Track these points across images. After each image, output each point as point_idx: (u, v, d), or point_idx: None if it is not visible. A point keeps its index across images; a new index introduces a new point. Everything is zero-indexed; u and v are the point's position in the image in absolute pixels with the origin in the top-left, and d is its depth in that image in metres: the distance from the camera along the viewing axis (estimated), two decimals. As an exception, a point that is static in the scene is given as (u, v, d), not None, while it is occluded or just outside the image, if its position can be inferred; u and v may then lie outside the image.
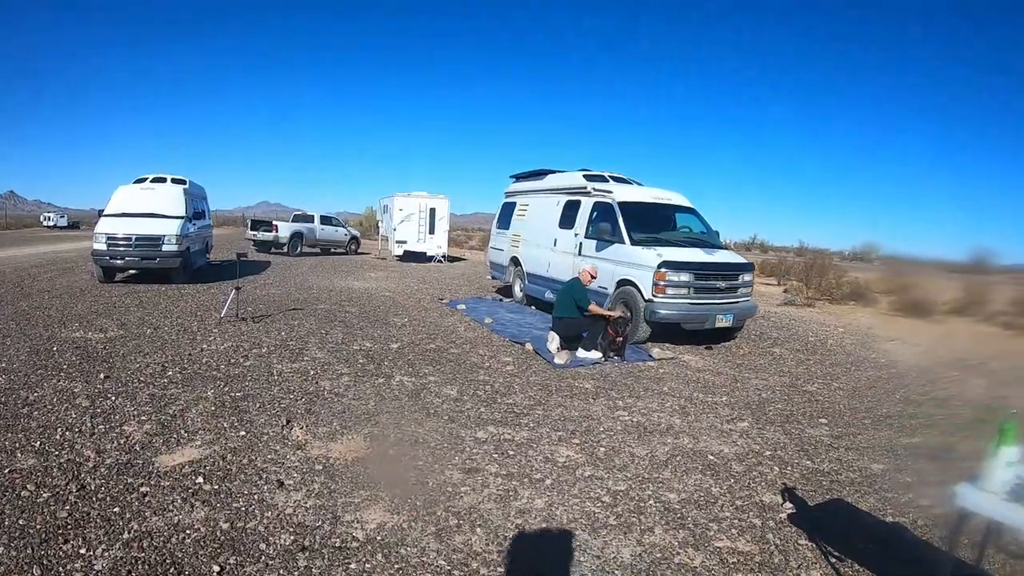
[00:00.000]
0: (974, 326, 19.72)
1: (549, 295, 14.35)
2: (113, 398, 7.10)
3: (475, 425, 6.86)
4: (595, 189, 13.46)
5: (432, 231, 31.08)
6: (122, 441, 5.88)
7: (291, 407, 7.08)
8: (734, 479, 5.95)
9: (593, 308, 10.64)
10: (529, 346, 10.95)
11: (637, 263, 11.60)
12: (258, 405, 7.09)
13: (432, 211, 31.01)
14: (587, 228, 13.29)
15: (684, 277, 11.33)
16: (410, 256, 30.19)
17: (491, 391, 8.23)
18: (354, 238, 35.50)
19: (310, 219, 33.14)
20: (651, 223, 12.85)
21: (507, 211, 17.54)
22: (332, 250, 34.58)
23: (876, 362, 12.62)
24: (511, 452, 6.18)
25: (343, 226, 35.15)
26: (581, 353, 10.44)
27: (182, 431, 6.20)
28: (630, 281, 11.70)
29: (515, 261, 16.69)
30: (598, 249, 12.70)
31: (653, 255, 11.38)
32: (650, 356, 10.89)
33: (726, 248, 13.11)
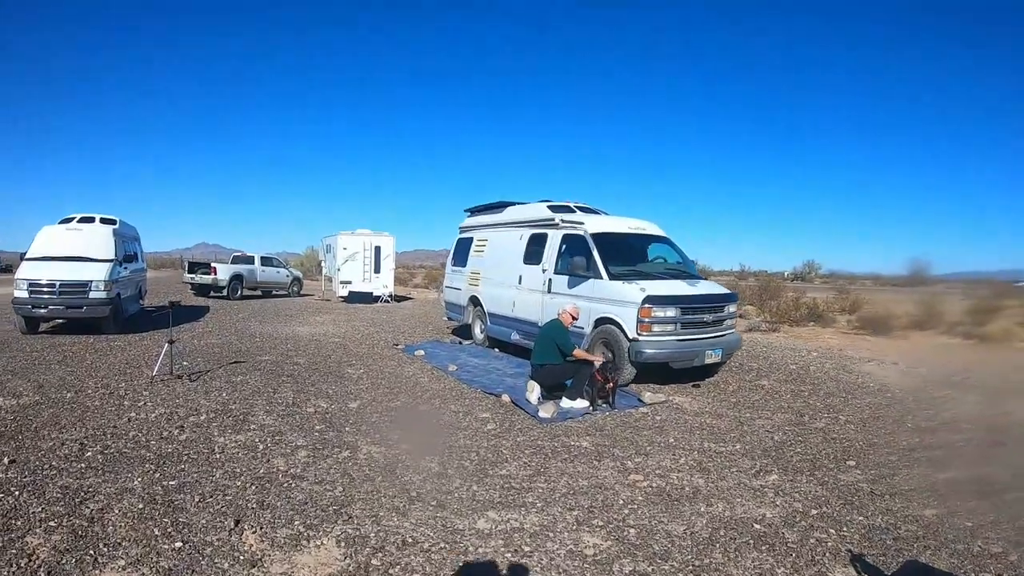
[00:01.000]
0: (936, 339, 19.51)
1: (515, 336, 13.22)
2: (17, 493, 5.59)
3: (471, 511, 5.56)
4: (563, 221, 12.37)
5: (378, 270, 29.60)
6: (22, 563, 4.37)
7: (239, 499, 5.64)
8: (794, 553, 4.96)
9: (579, 353, 9.52)
10: (506, 398, 9.73)
11: (618, 299, 10.53)
12: (197, 498, 5.62)
13: (377, 249, 29.56)
14: (556, 263, 12.20)
15: (671, 312, 10.31)
16: (356, 297, 28.61)
17: (478, 460, 6.96)
18: (296, 279, 33.65)
19: (250, 260, 31.26)
20: (627, 255, 11.86)
21: (463, 247, 16.32)
22: (274, 292, 32.71)
23: (867, 387, 11.93)
24: (526, 548, 4.91)
25: (285, 267, 33.32)
26: (566, 403, 9.27)
27: (100, 544, 4.71)
28: (610, 319, 10.63)
29: (474, 301, 15.43)
30: (571, 286, 11.60)
31: (636, 290, 10.34)
32: (640, 401, 9.76)
33: (705, 279, 12.06)
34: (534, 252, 12.94)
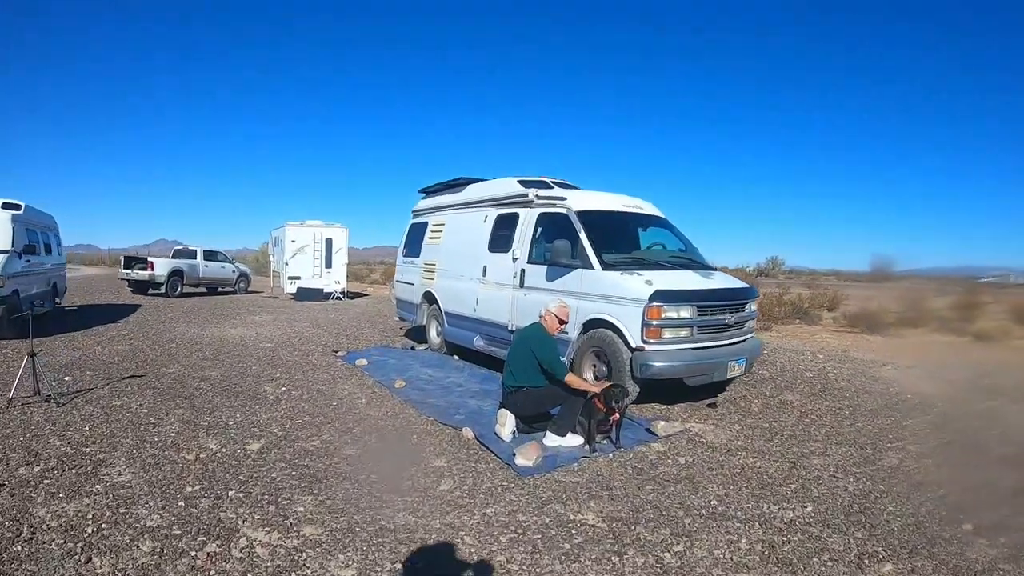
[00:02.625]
0: (931, 337, 17.47)
1: (479, 342, 10.44)
2: None
3: None
4: (539, 197, 9.59)
5: (329, 264, 26.54)
6: None
7: None
8: None
9: (575, 381, 6.72)
10: (468, 432, 6.90)
11: (615, 296, 7.85)
12: None
13: (328, 242, 26.50)
14: (530, 250, 9.47)
15: (685, 313, 7.65)
16: (305, 294, 25.55)
17: (430, 559, 4.17)
18: (243, 275, 30.25)
19: (192, 254, 27.68)
20: (622, 239, 9.21)
21: (416, 234, 13.41)
22: (220, 289, 29.51)
23: (904, 398, 9.76)
24: None
25: (230, 261, 29.88)
26: (552, 440, 6.54)
27: None
28: (605, 322, 7.94)
29: (429, 297, 12.53)
30: (550, 278, 8.88)
31: (640, 284, 7.67)
32: (651, 432, 7.05)
33: (717, 269, 9.41)
34: (502, 237, 10.17)
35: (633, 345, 7.53)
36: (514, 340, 7.22)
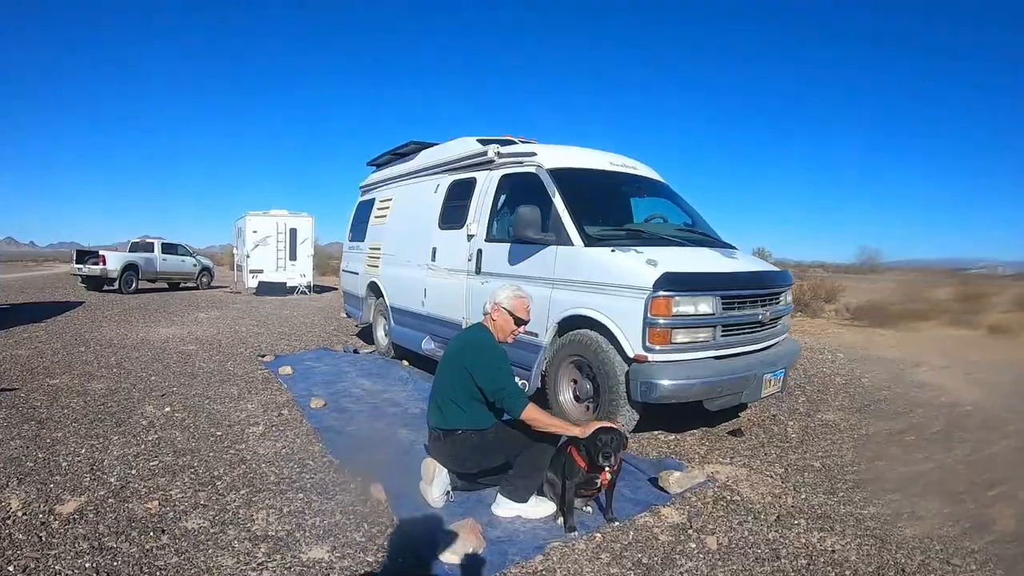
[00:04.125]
0: (944, 331, 16.87)
1: (429, 345, 7.82)
2: None
3: None
4: (502, 155, 7.04)
5: (293, 257, 23.94)
6: None
7: None
8: None
9: (538, 417, 3.93)
10: (379, 492, 4.33)
11: (605, 282, 5.36)
12: None
13: (293, 232, 23.87)
14: (490, 223, 6.93)
15: (705, 306, 5.17)
16: (267, 288, 22.92)
17: None
18: (205, 269, 27.39)
19: (149, 247, 24.94)
20: (611, 209, 6.79)
21: (362, 214, 10.80)
22: (182, 285, 26.84)
23: (965, 414, 7.38)
24: None
25: (191, 255, 27.12)
26: (505, 509, 4.06)
27: None
28: (590, 321, 5.45)
29: (374, 289, 9.91)
30: (514, 259, 6.36)
31: (640, 265, 5.21)
32: (660, 489, 4.51)
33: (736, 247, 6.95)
34: (455, 209, 7.59)
35: (631, 354, 5.06)
36: (444, 354, 4.54)
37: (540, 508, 4.07)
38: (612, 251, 5.46)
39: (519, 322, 4.36)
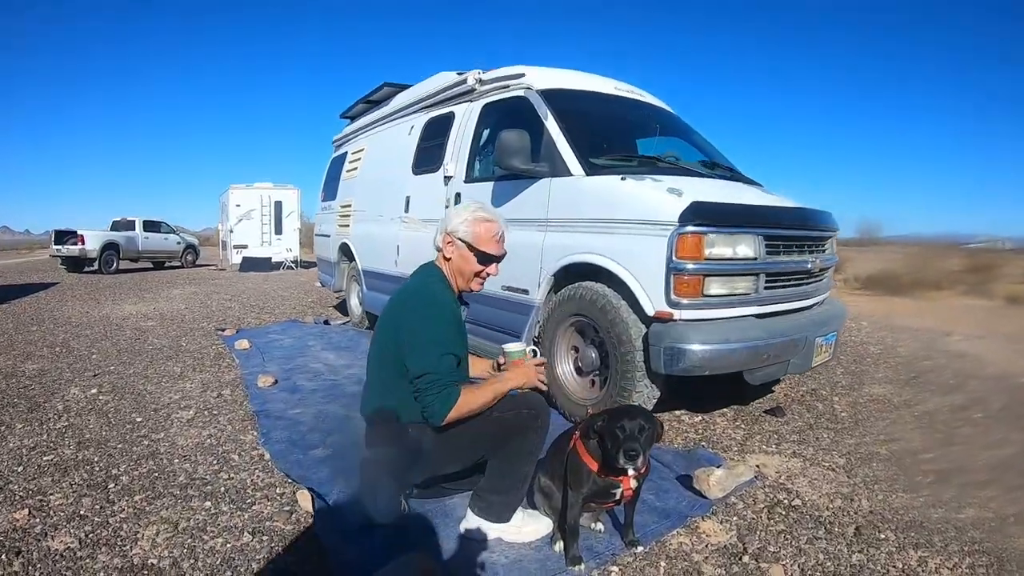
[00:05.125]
0: (961, 300, 15.92)
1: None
2: None
3: None
4: (484, 82, 5.68)
5: (279, 231, 22.64)
6: None
7: None
8: None
9: (467, 408, 2.61)
10: (307, 502, 3.08)
11: (615, 218, 4.05)
12: None
13: (278, 205, 22.55)
14: (470, 161, 5.62)
15: (746, 248, 3.86)
16: (251, 264, 21.51)
17: None
18: (190, 247, 25.91)
19: (131, 226, 23.48)
20: (617, 139, 5.38)
21: (334, 171, 9.40)
22: (167, 263, 25.50)
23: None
24: None
25: (175, 232, 25.74)
26: (477, 529, 2.78)
27: None
28: (595, 270, 4.15)
29: (346, 251, 8.53)
30: (499, 199, 5.02)
31: (660, 194, 3.91)
32: (695, 492, 3.23)
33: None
34: (430, 150, 6.23)
35: (651, 311, 3.79)
36: (380, 320, 3.07)
37: (529, 528, 2.80)
38: (622, 179, 4.18)
39: (485, 258, 2.83)
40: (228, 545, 2.75)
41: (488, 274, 2.89)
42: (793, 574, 2.54)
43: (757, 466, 3.62)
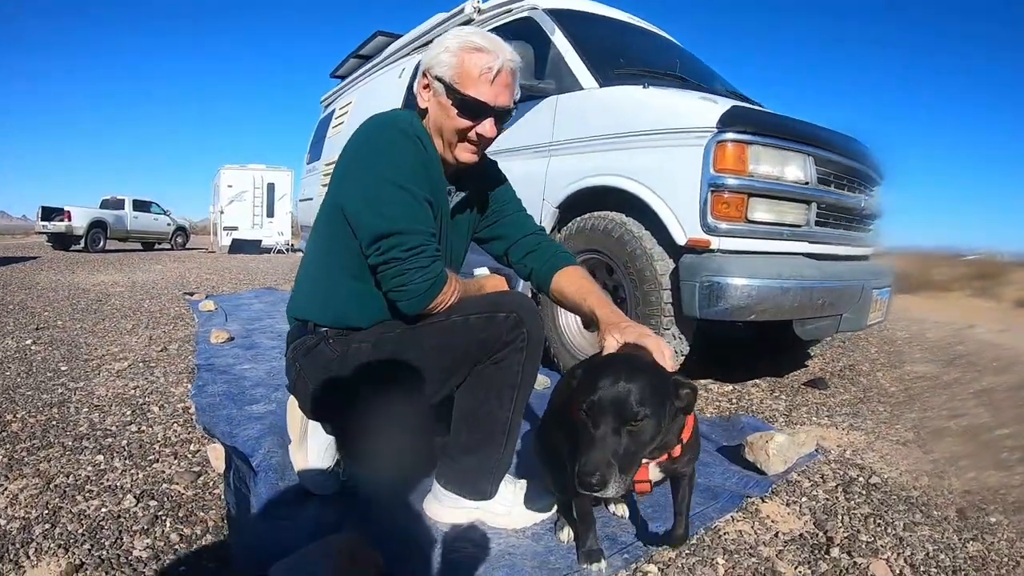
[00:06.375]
0: (971, 301, 14.55)
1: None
2: None
3: None
4: (483, 11, 4.85)
5: (271, 214, 21.68)
6: None
7: None
8: None
9: (450, 300, 1.80)
10: (218, 459, 2.25)
11: (636, 131, 3.20)
12: None
13: (271, 187, 21.60)
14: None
15: (795, 170, 3.04)
16: (240, 246, 20.50)
17: None
18: (180, 228, 24.86)
19: (120, 205, 22.45)
20: (632, 60, 4.57)
21: (321, 131, 8.55)
22: (157, 245, 24.55)
23: None
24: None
25: (165, 213, 24.68)
26: (450, 511, 1.90)
27: None
28: (610, 196, 3.31)
29: None
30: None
31: (693, 100, 3.14)
32: (749, 466, 2.39)
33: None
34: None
35: (682, 239, 2.96)
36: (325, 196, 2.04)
37: (520, 509, 1.92)
38: (645, 87, 3.39)
39: (472, 108, 1.78)
40: (103, 510, 1.93)
41: (480, 136, 1.83)
42: (901, 571, 1.75)
43: (819, 443, 2.80)
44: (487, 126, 1.81)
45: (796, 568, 1.72)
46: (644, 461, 1.49)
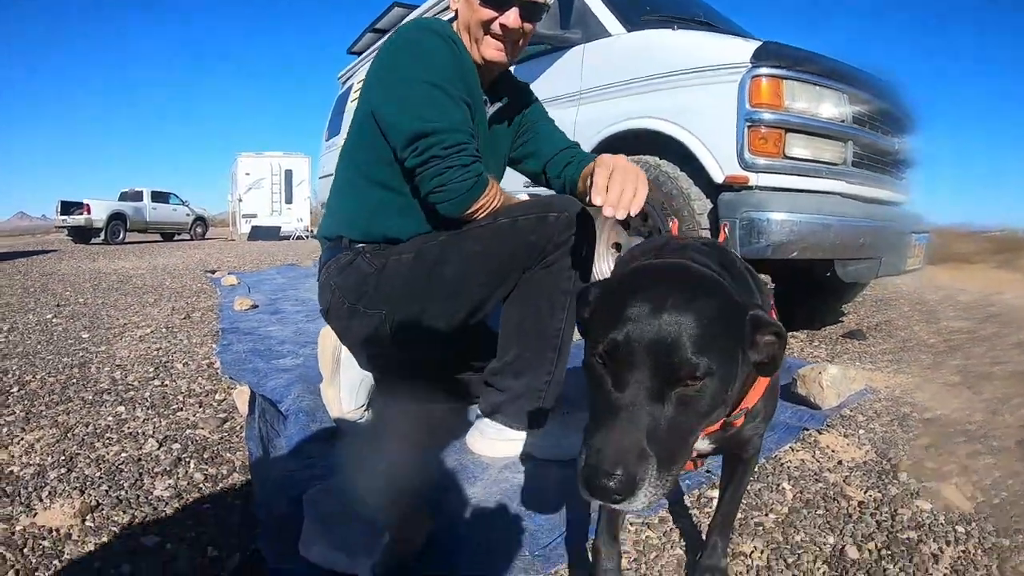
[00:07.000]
0: (995, 272, 14.28)
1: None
2: None
3: None
4: None
5: (289, 200, 21.65)
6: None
7: None
8: None
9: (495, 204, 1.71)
10: (243, 401, 2.15)
11: (668, 72, 3.06)
12: None
13: (288, 174, 21.55)
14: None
15: (831, 107, 2.90)
16: (260, 232, 20.37)
17: None
18: (199, 219, 24.70)
19: (138, 196, 22.31)
20: (654, 4, 4.43)
21: (340, 106, 8.42)
22: (176, 236, 24.52)
23: None
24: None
25: (184, 203, 24.69)
26: (495, 445, 1.79)
27: None
28: (643, 139, 3.15)
29: None
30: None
31: (725, 39, 3.05)
32: (797, 398, 2.28)
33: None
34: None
35: (720, 177, 2.83)
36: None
37: (569, 442, 1.74)
38: (674, 29, 3.26)
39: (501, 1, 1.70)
40: (123, 455, 1.85)
41: (505, 29, 1.71)
42: (971, 495, 1.63)
43: (866, 384, 2.68)
44: (511, 16, 1.70)
45: (865, 492, 1.61)
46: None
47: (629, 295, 0.84)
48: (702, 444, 1.07)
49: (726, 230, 1.36)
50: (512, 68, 3.64)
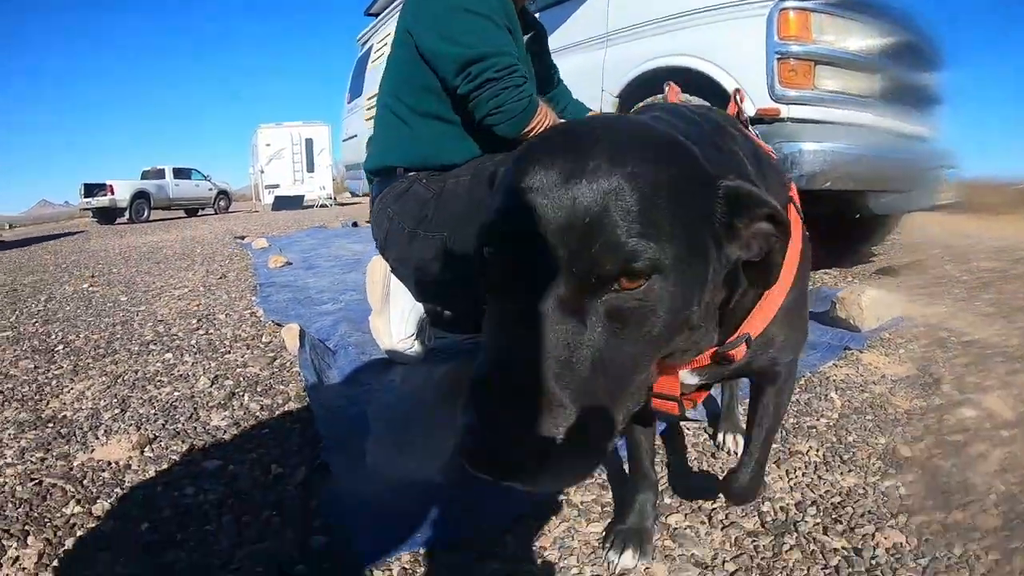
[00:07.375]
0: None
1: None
2: None
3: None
4: None
5: (311, 168, 21.60)
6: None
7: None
8: None
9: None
10: (292, 338, 2.21)
11: (696, 8, 3.00)
12: None
13: (308, 143, 21.50)
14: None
15: (859, 40, 2.87)
16: (283, 203, 20.28)
17: None
18: (222, 192, 24.67)
19: (160, 174, 22.48)
20: None
21: (360, 67, 8.35)
22: (200, 211, 24.56)
23: None
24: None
25: (206, 178, 24.45)
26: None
27: None
28: (675, 78, 2.96)
29: None
30: (549, 29, 3.89)
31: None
32: (835, 320, 2.34)
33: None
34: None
35: (752, 110, 2.74)
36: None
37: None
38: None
39: None
40: (176, 394, 1.92)
41: None
42: (1012, 406, 1.65)
43: (902, 316, 2.70)
44: None
45: (911, 401, 1.64)
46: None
47: (534, 158, 0.60)
48: (689, 378, 0.83)
49: (737, 98, 1.33)
50: (538, 14, 3.63)
